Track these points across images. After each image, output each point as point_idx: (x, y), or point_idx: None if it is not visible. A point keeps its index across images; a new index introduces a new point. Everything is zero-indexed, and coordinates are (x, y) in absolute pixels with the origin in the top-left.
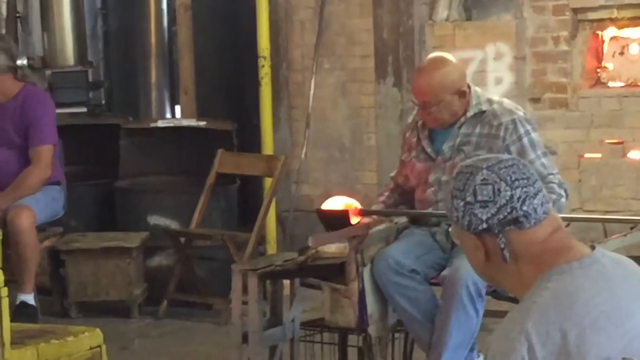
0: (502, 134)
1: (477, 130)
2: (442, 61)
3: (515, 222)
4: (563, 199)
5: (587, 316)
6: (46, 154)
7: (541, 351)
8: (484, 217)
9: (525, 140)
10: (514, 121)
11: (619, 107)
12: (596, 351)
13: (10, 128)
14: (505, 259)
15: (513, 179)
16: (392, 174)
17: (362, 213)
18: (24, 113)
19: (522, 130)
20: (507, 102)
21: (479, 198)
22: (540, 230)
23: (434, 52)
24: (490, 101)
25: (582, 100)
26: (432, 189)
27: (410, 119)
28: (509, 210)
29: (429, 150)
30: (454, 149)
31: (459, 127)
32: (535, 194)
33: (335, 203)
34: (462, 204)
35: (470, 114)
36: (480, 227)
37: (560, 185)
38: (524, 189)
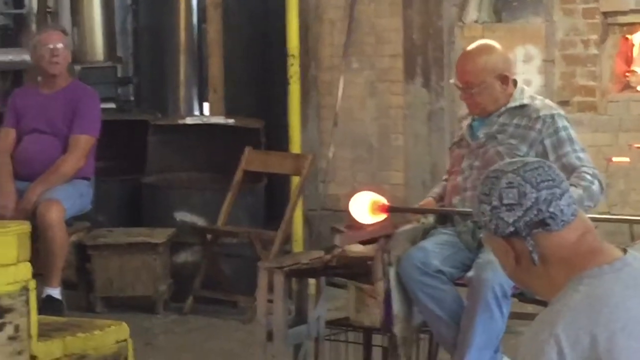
0: (539, 126)
1: (515, 121)
2: (488, 46)
3: (543, 224)
4: (594, 187)
5: (617, 321)
6: (84, 144)
7: (571, 355)
8: (511, 221)
9: (562, 134)
10: (552, 116)
11: None
12: (626, 356)
13: (59, 117)
14: (534, 261)
15: (538, 180)
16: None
17: (389, 210)
18: (73, 104)
19: (560, 124)
20: (549, 101)
21: (505, 201)
22: (569, 232)
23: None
24: (533, 97)
25: (611, 104)
26: (463, 175)
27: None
28: (535, 212)
29: (467, 136)
30: (489, 135)
31: (499, 116)
32: (562, 195)
33: (362, 199)
34: (488, 208)
35: (511, 105)
36: (507, 231)
37: (593, 175)
38: (550, 191)
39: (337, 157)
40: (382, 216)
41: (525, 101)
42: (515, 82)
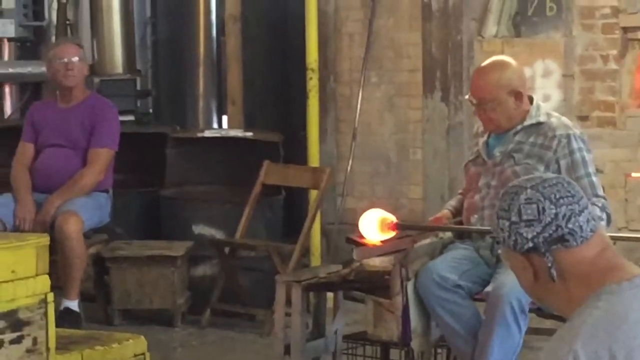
0: (554, 146)
1: (532, 139)
2: (502, 62)
3: (562, 240)
4: (602, 222)
5: (636, 337)
6: (104, 157)
7: None
8: (530, 236)
9: (577, 155)
10: (568, 136)
11: None
12: None
13: (78, 131)
14: (552, 278)
15: (557, 197)
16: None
17: (398, 227)
18: (92, 117)
19: (575, 146)
20: (566, 119)
21: (524, 217)
22: (588, 248)
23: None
24: (549, 115)
25: (630, 119)
26: (480, 194)
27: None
28: (554, 228)
29: (483, 154)
30: (505, 154)
31: (515, 134)
32: (581, 212)
33: (371, 217)
34: (507, 223)
35: (527, 123)
36: (526, 246)
37: (602, 208)
38: (569, 207)
39: (355, 171)
40: (391, 234)
41: (542, 119)
42: (531, 99)
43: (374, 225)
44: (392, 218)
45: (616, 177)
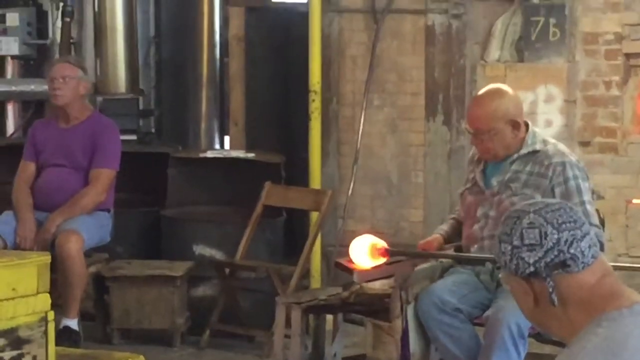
0: (550, 173)
1: (528, 168)
2: (498, 91)
3: (563, 265)
4: None
5: None
6: (105, 177)
7: None
8: (531, 261)
9: (572, 183)
10: (563, 163)
11: None
12: None
13: (79, 150)
14: (553, 303)
15: (560, 222)
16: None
17: (388, 253)
18: (93, 137)
19: (570, 174)
20: (562, 146)
21: (526, 242)
22: (589, 274)
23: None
24: (545, 142)
25: (632, 145)
26: (479, 224)
27: (470, 152)
28: (556, 253)
29: (481, 183)
30: (502, 184)
31: (511, 163)
32: (583, 237)
33: (362, 242)
34: (509, 247)
35: (523, 151)
36: (527, 271)
37: (596, 236)
38: (571, 232)
39: (356, 194)
40: (382, 260)
41: (538, 147)
42: (526, 125)
43: (364, 251)
44: (382, 244)
45: (617, 203)
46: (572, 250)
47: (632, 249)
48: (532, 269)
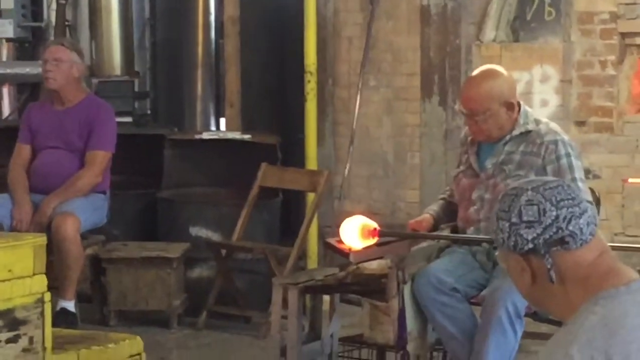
0: (542, 152)
1: (521, 148)
2: (492, 72)
3: (562, 242)
4: None
5: (633, 342)
6: (101, 159)
7: None
8: (530, 237)
9: (564, 161)
10: (555, 142)
11: None
12: None
13: (74, 133)
14: (552, 279)
15: (558, 199)
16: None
17: (379, 234)
18: (88, 119)
19: (562, 152)
20: (554, 125)
21: (525, 218)
22: (587, 251)
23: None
24: (537, 121)
25: (628, 124)
26: (475, 207)
27: (463, 133)
28: (554, 230)
29: (475, 165)
30: (496, 166)
31: (504, 145)
32: (581, 214)
33: (353, 223)
34: (507, 225)
35: (516, 132)
36: (526, 248)
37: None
38: (570, 209)
39: (352, 174)
40: (372, 240)
41: (530, 127)
42: (519, 105)
43: (355, 232)
44: (373, 225)
45: (613, 182)
46: (570, 227)
47: (629, 228)
48: (530, 245)
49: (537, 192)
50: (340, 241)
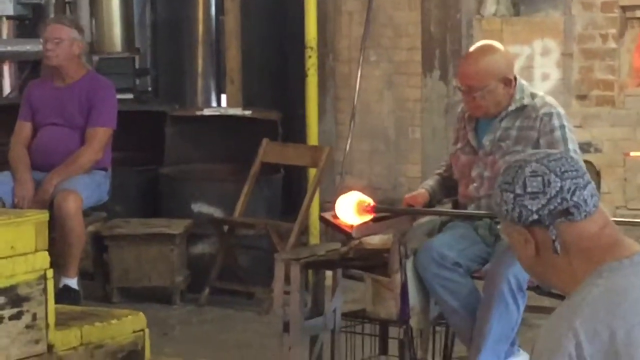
0: (538, 125)
1: (518, 123)
2: (490, 48)
3: (566, 213)
4: None
5: (636, 315)
6: (102, 136)
7: (589, 349)
8: (534, 209)
9: (557, 133)
10: (550, 114)
11: None
12: None
13: (75, 109)
14: (556, 250)
15: (562, 170)
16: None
17: (375, 210)
18: (89, 95)
19: (556, 124)
20: (550, 98)
21: (529, 190)
22: (591, 223)
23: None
24: (533, 95)
25: (629, 98)
26: (475, 184)
27: (459, 109)
28: (559, 201)
29: (473, 142)
30: (494, 142)
31: (501, 120)
32: (585, 186)
33: (348, 199)
34: (511, 196)
35: (512, 107)
36: (530, 219)
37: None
38: (574, 181)
39: (354, 150)
40: (368, 217)
41: (526, 101)
42: (515, 79)
43: (351, 208)
44: (369, 201)
45: (615, 156)
46: (575, 199)
47: (631, 201)
48: (535, 216)
49: (542, 163)
50: (336, 216)
